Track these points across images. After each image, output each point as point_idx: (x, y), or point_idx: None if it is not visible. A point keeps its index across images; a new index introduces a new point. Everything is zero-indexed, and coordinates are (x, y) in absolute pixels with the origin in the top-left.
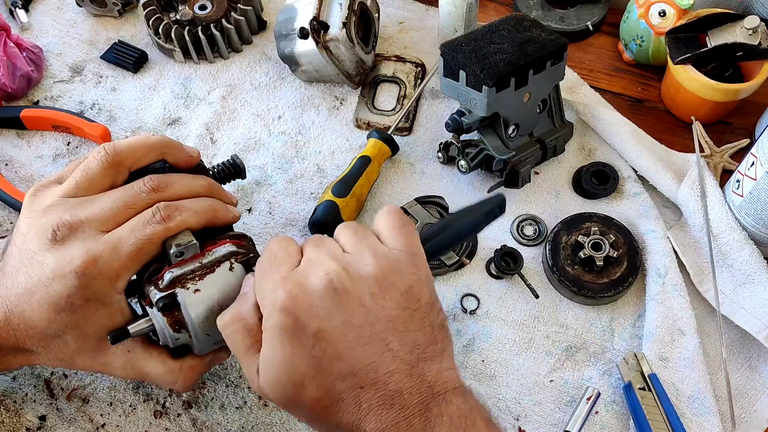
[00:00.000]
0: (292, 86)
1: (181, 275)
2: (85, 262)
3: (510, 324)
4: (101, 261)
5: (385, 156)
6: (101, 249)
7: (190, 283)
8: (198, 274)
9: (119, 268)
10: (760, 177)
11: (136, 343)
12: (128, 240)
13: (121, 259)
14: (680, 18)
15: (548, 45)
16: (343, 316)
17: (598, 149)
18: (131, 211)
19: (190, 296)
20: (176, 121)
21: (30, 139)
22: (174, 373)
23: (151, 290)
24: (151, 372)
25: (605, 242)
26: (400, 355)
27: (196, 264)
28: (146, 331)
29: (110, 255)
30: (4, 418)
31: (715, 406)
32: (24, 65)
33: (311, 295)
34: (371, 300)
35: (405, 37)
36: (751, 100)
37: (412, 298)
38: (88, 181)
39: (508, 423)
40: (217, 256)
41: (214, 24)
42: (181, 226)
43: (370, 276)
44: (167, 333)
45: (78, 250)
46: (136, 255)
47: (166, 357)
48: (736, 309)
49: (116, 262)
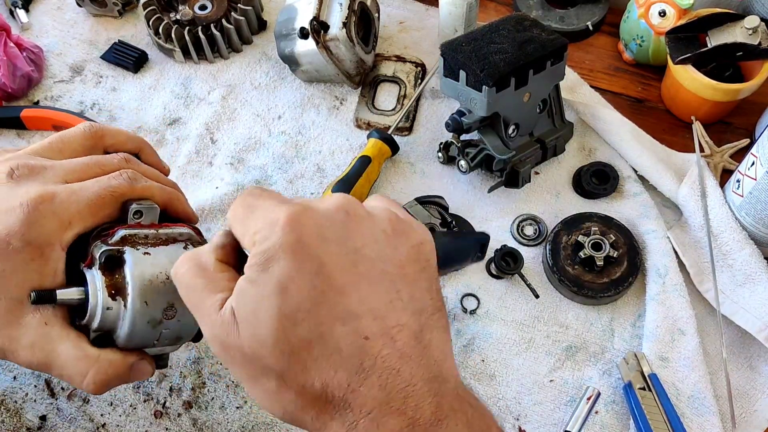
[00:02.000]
0: (292, 86)
1: (134, 235)
2: (40, 196)
3: (510, 324)
4: (57, 200)
5: (386, 156)
6: (60, 189)
7: (141, 246)
8: (151, 241)
9: (74, 213)
10: (760, 177)
11: (56, 317)
12: (91, 188)
13: (79, 203)
14: (680, 18)
15: (548, 45)
16: (355, 242)
17: (598, 149)
18: (99, 170)
19: (139, 256)
20: (176, 121)
21: (30, 139)
22: (88, 361)
23: (97, 245)
24: (62, 355)
25: (605, 242)
26: (409, 310)
27: (151, 231)
28: (74, 302)
29: (68, 197)
30: (4, 418)
31: (715, 405)
32: (24, 65)
33: (320, 214)
34: (384, 238)
35: (405, 37)
36: (751, 100)
37: (422, 255)
38: (63, 142)
39: (508, 423)
40: (173, 232)
41: (214, 24)
42: (146, 192)
43: (382, 214)
44: (100, 298)
45: (34, 188)
46: (95, 204)
47: (84, 341)
48: (736, 309)
49: (73, 206)
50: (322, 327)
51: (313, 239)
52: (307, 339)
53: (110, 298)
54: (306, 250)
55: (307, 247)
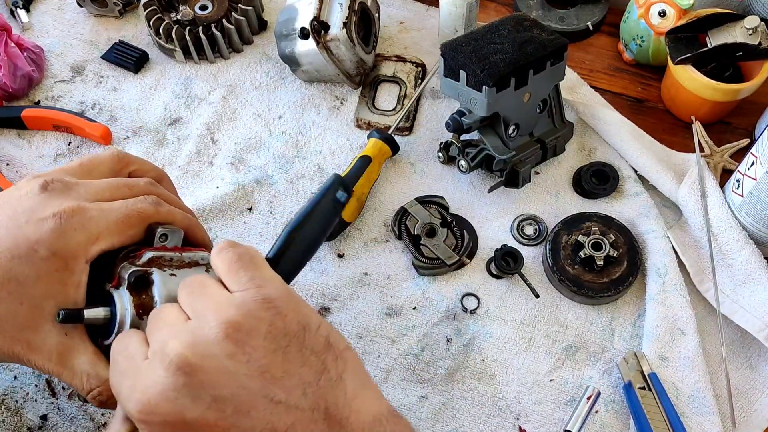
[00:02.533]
0: (293, 86)
1: (160, 257)
2: (72, 209)
3: (510, 323)
4: (88, 215)
5: (386, 156)
6: (91, 206)
7: (166, 268)
8: (176, 264)
9: (103, 228)
10: (760, 177)
11: (76, 329)
12: (119, 207)
13: (108, 220)
14: (680, 18)
15: (548, 45)
16: (209, 394)
17: (598, 149)
18: (127, 191)
19: (166, 277)
20: (177, 121)
21: (31, 139)
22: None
23: (125, 266)
24: (76, 368)
25: (605, 242)
26: (293, 402)
27: (175, 254)
28: (100, 321)
29: (98, 213)
30: (5, 418)
31: (715, 405)
32: (25, 65)
33: (164, 389)
34: (232, 363)
35: (405, 37)
36: (751, 100)
37: (277, 336)
38: (93, 164)
39: (508, 422)
40: (196, 255)
41: (215, 24)
42: (169, 216)
43: (219, 339)
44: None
45: (67, 201)
46: (123, 222)
47: (100, 359)
48: (736, 308)
49: (102, 222)
50: None
51: (168, 422)
52: None
53: (138, 317)
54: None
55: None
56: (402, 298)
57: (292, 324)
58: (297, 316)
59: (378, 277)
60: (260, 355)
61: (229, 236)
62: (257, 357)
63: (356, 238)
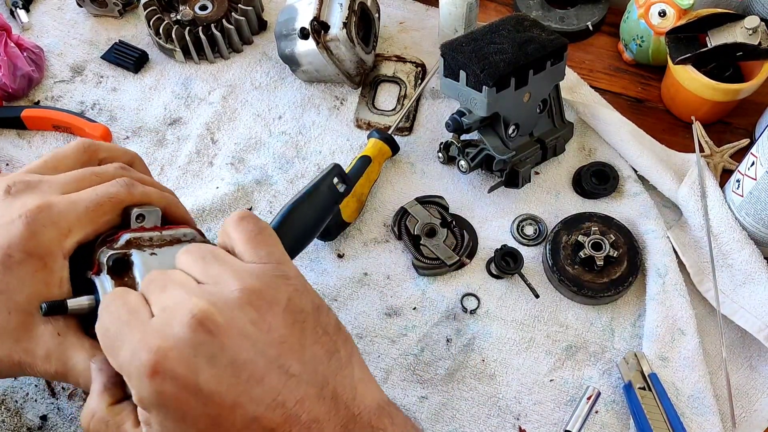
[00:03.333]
0: (293, 86)
1: (139, 238)
2: (38, 207)
3: (510, 323)
4: (55, 209)
5: (386, 156)
6: (58, 200)
7: (146, 247)
8: (156, 243)
9: (73, 220)
10: (760, 177)
11: (68, 327)
12: (89, 196)
13: (78, 211)
14: (680, 18)
15: (548, 45)
16: (228, 356)
17: (598, 149)
18: (96, 179)
19: (146, 257)
20: (177, 121)
21: (31, 139)
22: None
23: (102, 251)
24: (78, 365)
25: (605, 242)
26: (305, 377)
27: (155, 233)
28: (86, 309)
29: (66, 206)
30: (5, 418)
31: (715, 405)
32: (25, 65)
33: (181, 345)
34: (254, 329)
35: (405, 37)
36: (751, 100)
37: (295, 310)
38: (57, 159)
39: (508, 422)
40: (177, 233)
41: (215, 24)
42: (144, 197)
43: (242, 303)
44: None
45: (31, 199)
46: (94, 211)
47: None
48: (736, 309)
49: (71, 214)
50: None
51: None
52: None
53: None
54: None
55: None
56: (402, 299)
57: (307, 303)
58: (311, 296)
59: (378, 277)
60: (280, 325)
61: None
62: (277, 326)
63: (356, 238)
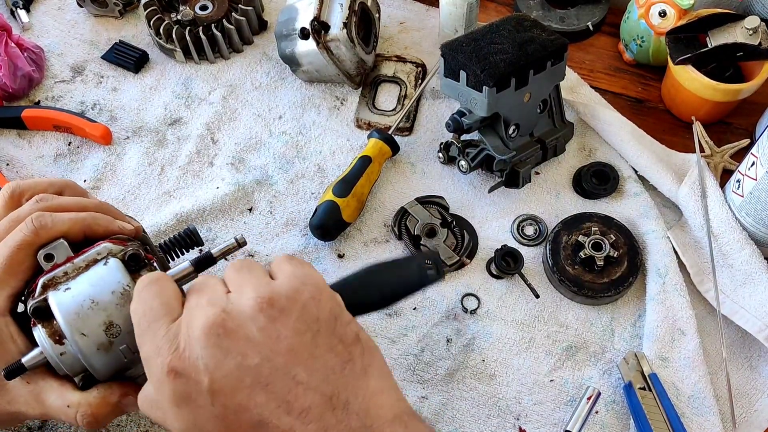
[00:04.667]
0: (293, 86)
1: (53, 278)
2: None
3: (510, 324)
4: None
5: (386, 156)
6: None
7: (62, 284)
8: (72, 275)
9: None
10: (760, 177)
11: (35, 374)
12: (2, 251)
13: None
14: (680, 18)
15: (548, 45)
16: (234, 360)
17: (598, 149)
18: (14, 225)
19: (60, 295)
20: (177, 121)
21: (31, 139)
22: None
23: (29, 303)
24: (53, 405)
25: (605, 242)
26: (313, 385)
27: (68, 265)
28: (43, 360)
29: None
30: None
31: (715, 405)
32: (25, 65)
33: (194, 346)
34: (261, 334)
35: (405, 37)
36: (751, 100)
37: (309, 319)
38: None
39: (508, 422)
40: (90, 255)
41: (215, 24)
42: (51, 233)
43: (253, 309)
44: (50, 349)
45: None
46: (9, 267)
47: (67, 388)
48: (737, 309)
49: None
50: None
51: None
52: None
53: (58, 344)
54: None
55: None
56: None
57: (324, 311)
58: (330, 304)
59: None
60: (290, 333)
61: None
62: (286, 335)
63: (356, 238)
